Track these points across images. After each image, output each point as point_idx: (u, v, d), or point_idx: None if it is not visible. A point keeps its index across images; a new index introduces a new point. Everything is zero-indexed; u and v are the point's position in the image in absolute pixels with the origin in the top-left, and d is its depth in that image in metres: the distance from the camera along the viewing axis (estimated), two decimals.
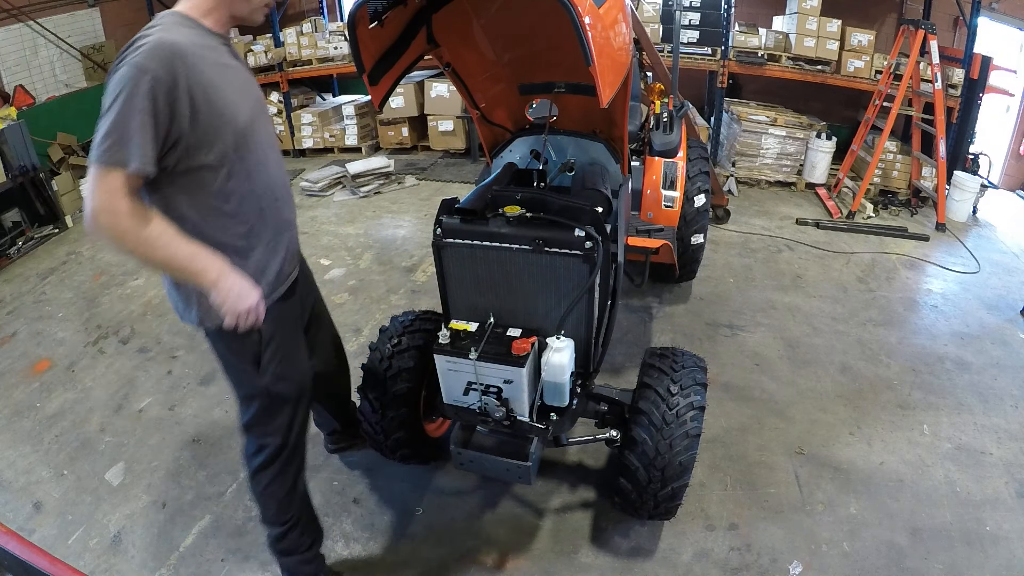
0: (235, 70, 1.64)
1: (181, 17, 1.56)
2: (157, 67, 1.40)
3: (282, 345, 1.84)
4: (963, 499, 2.65)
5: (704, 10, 5.74)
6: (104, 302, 4.37)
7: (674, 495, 2.20)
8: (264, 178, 1.70)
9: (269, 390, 1.84)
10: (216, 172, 1.58)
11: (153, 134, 1.42)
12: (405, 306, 4.03)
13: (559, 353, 2.00)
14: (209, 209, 1.61)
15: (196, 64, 1.48)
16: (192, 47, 1.49)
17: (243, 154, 1.62)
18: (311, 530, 2.18)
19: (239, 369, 1.83)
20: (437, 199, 2.09)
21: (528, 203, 2.04)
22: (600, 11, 1.70)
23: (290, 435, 1.95)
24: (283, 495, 2.02)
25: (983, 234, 5.22)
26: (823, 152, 5.84)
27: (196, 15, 1.57)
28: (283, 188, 1.80)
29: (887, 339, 3.72)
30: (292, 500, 2.06)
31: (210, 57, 1.54)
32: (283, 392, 1.87)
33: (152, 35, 1.46)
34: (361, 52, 1.94)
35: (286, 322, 1.88)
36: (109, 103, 1.42)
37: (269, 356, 1.80)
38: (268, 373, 1.81)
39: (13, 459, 3.01)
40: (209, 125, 1.51)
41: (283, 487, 2.00)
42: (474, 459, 2.20)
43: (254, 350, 1.78)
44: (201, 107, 1.49)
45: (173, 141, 1.48)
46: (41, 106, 6.16)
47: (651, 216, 3.49)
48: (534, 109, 2.65)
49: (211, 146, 1.54)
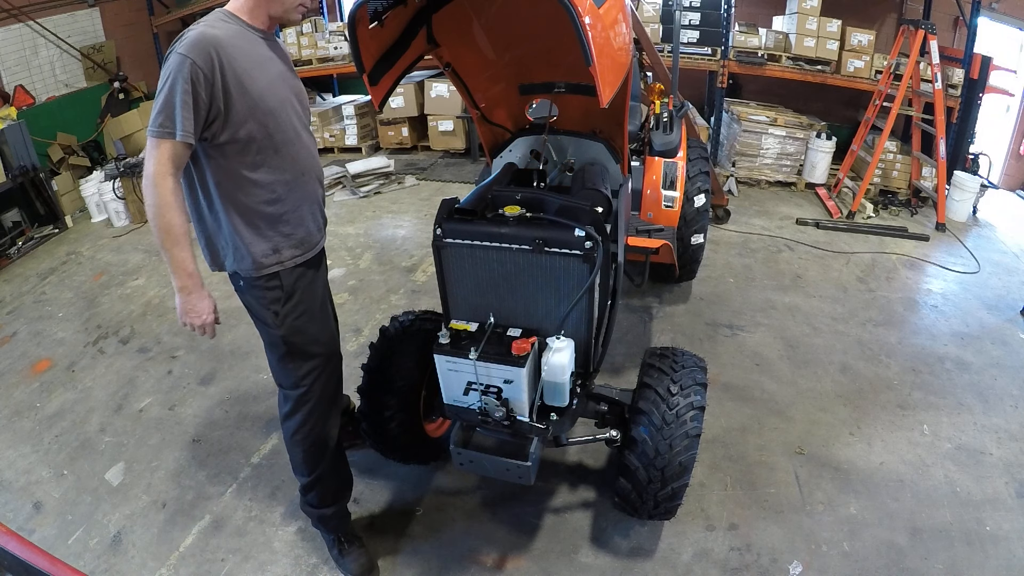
0: (272, 61, 1.89)
1: (225, 14, 1.84)
2: (197, 55, 1.67)
3: (302, 302, 2.03)
4: (963, 499, 2.65)
5: (704, 10, 5.74)
6: (104, 302, 4.37)
7: (674, 495, 2.20)
8: (292, 154, 1.92)
9: (285, 340, 2.02)
10: (247, 146, 1.82)
11: (194, 111, 1.68)
12: (405, 306, 4.03)
13: (559, 353, 2.00)
14: (241, 178, 1.85)
15: (232, 53, 1.74)
16: (229, 39, 1.75)
17: (272, 132, 1.85)
18: (336, 487, 2.31)
19: (261, 317, 2.03)
20: (437, 199, 2.10)
21: (528, 203, 2.04)
22: (600, 11, 1.70)
23: (312, 389, 2.10)
24: (308, 447, 2.17)
25: (983, 234, 5.22)
26: (823, 152, 5.84)
27: (239, 13, 1.84)
28: (311, 165, 2.02)
29: (887, 339, 3.73)
30: (319, 454, 2.19)
31: (246, 48, 1.80)
32: (300, 344, 2.04)
33: (197, 29, 1.73)
34: (361, 52, 1.94)
35: (308, 284, 2.05)
36: (160, 86, 1.69)
37: (288, 310, 2.00)
38: (285, 325, 2.00)
39: (13, 459, 3.01)
40: (242, 105, 1.76)
41: (308, 439, 2.16)
42: (474, 459, 2.20)
43: (275, 303, 1.98)
44: (233, 90, 1.74)
45: (212, 118, 1.74)
46: (41, 106, 6.16)
47: (651, 216, 3.49)
48: (534, 109, 2.65)
49: (243, 124, 1.78)
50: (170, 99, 1.67)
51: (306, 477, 2.23)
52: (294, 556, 2.45)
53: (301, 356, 2.06)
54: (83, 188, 5.80)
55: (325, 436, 2.20)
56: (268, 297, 1.97)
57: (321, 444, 2.19)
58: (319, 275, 2.13)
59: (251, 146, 1.82)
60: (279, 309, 1.98)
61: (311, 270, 2.06)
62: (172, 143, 1.69)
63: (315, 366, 2.10)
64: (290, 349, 2.04)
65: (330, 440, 2.23)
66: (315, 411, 2.14)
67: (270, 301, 1.97)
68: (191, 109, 1.68)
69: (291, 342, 2.03)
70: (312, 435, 2.16)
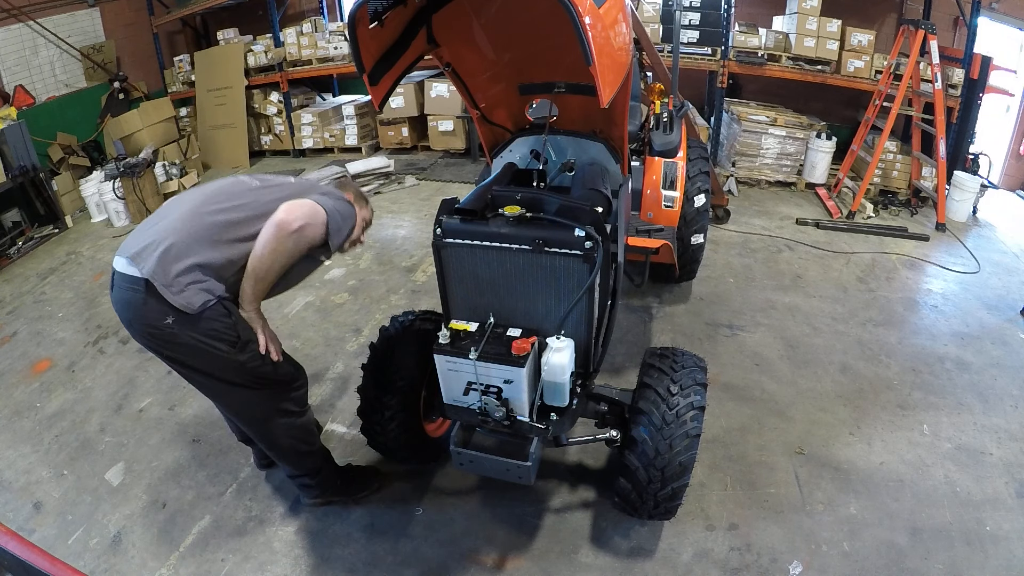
0: None
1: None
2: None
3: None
4: (963, 499, 2.65)
5: (704, 10, 5.74)
6: (104, 302, 4.37)
7: (674, 495, 2.20)
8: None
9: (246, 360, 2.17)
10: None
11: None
12: (405, 306, 4.03)
13: (559, 353, 2.00)
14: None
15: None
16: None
17: None
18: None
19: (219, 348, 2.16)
20: (437, 199, 2.10)
21: (528, 203, 2.04)
22: (600, 11, 1.70)
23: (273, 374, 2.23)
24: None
25: (983, 234, 5.22)
26: (823, 152, 5.84)
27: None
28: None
29: (887, 339, 3.73)
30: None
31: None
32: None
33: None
34: (361, 52, 1.94)
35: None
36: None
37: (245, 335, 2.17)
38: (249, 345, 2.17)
39: (13, 459, 3.01)
40: None
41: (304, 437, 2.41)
42: (474, 459, 2.20)
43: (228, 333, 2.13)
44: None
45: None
46: (41, 106, 6.17)
47: (651, 216, 3.49)
48: (534, 109, 2.65)
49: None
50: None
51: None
52: (294, 556, 2.45)
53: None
54: (83, 188, 5.81)
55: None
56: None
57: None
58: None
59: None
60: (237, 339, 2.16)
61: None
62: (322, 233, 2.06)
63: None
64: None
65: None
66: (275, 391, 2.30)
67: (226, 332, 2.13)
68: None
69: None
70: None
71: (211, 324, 1.99)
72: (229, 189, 2.15)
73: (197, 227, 2.00)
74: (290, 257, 2.05)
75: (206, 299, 1.96)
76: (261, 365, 2.13)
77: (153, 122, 6.34)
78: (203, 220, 2.01)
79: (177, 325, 1.96)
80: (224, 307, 2.02)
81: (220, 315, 2.00)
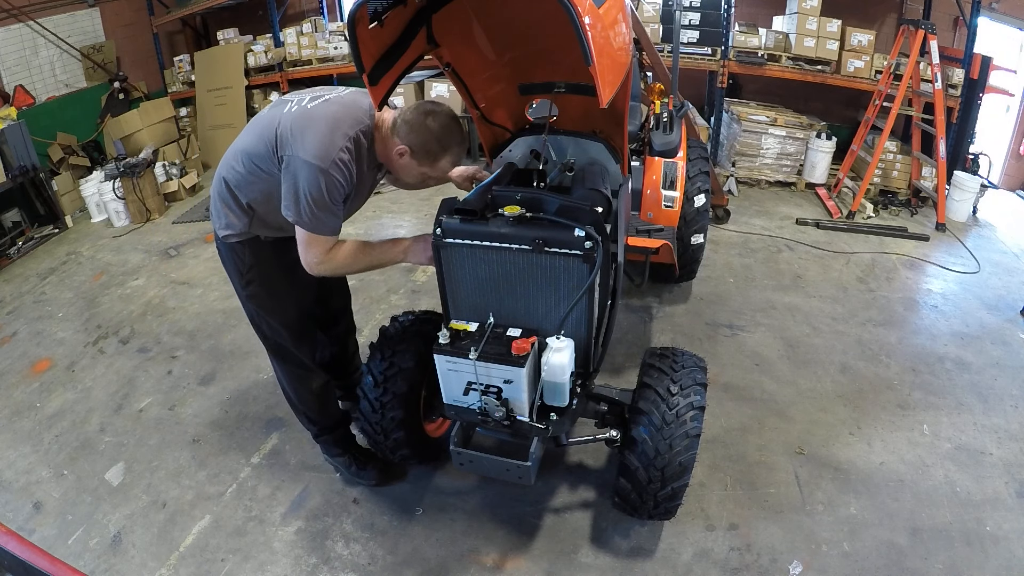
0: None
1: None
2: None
3: (263, 274, 2.34)
4: (963, 499, 2.65)
5: (704, 10, 5.74)
6: (104, 302, 4.37)
7: (674, 495, 2.20)
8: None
9: (247, 296, 2.39)
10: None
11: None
12: (405, 306, 4.03)
13: (559, 353, 2.00)
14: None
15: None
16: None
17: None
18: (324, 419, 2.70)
19: (232, 276, 2.39)
20: (437, 199, 2.09)
21: (528, 203, 2.04)
22: (600, 11, 1.70)
23: (276, 343, 2.46)
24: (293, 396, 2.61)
25: (983, 234, 5.22)
26: (823, 152, 5.84)
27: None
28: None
29: (887, 339, 3.73)
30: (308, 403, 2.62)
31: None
32: (256, 299, 2.40)
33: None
34: (361, 52, 1.94)
35: (270, 258, 2.34)
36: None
37: (251, 276, 2.34)
38: (251, 286, 2.36)
39: (13, 459, 3.01)
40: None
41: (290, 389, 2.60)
42: (474, 459, 2.20)
43: (240, 268, 2.33)
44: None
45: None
46: (41, 106, 6.16)
47: (651, 216, 3.49)
48: (534, 109, 2.65)
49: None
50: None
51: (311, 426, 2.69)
52: (294, 556, 2.45)
53: (259, 311, 2.44)
54: (83, 188, 5.80)
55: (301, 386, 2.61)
56: (235, 263, 2.33)
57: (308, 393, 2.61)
58: (286, 251, 2.32)
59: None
60: (244, 275, 2.35)
61: (278, 247, 2.32)
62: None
63: (282, 327, 2.45)
64: (253, 306, 2.43)
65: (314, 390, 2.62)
66: (288, 363, 2.52)
67: (236, 267, 2.34)
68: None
69: (251, 295, 2.40)
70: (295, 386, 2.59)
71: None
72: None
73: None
74: (334, 256, 2.15)
75: (227, 234, 2.25)
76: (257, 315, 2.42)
77: (153, 122, 6.34)
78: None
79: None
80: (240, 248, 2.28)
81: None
